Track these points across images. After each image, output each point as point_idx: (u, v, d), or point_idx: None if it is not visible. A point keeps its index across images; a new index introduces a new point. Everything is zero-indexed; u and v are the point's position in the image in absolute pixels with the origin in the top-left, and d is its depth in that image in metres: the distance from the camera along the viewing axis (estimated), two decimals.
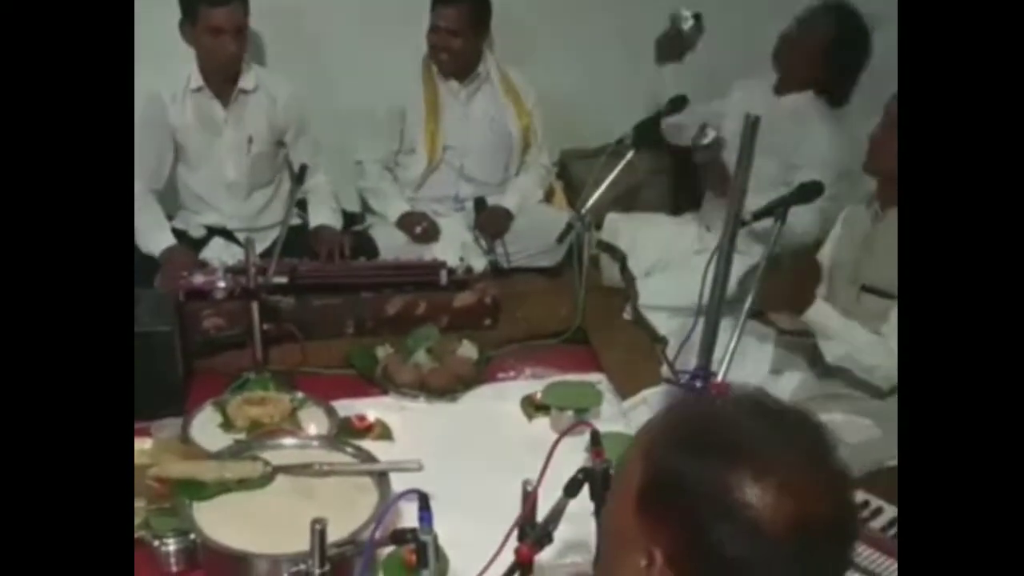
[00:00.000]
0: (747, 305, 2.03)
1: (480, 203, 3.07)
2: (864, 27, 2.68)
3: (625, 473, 0.88)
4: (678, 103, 2.78)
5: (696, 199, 3.04)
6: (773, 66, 2.81)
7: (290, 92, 2.87)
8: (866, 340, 2.14)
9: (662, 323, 2.65)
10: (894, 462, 2.19)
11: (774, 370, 2.38)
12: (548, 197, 3.25)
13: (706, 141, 2.57)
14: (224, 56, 2.69)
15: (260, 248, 2.67)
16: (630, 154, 2.63)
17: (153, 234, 2.74)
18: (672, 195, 3.35)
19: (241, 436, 2.02)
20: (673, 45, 2.88)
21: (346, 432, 2.10)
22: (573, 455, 1.73)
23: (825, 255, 2.39)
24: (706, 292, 1.94)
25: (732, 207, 1.84)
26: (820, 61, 2.71)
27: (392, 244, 2.95)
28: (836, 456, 0.85)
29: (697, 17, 2.80)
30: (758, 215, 2.18)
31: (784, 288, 2.17)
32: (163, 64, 2.75)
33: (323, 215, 2.92)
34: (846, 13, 2.69)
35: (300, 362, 2.39)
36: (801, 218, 2.40)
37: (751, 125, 1.78)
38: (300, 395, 2.19)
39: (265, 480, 1.79)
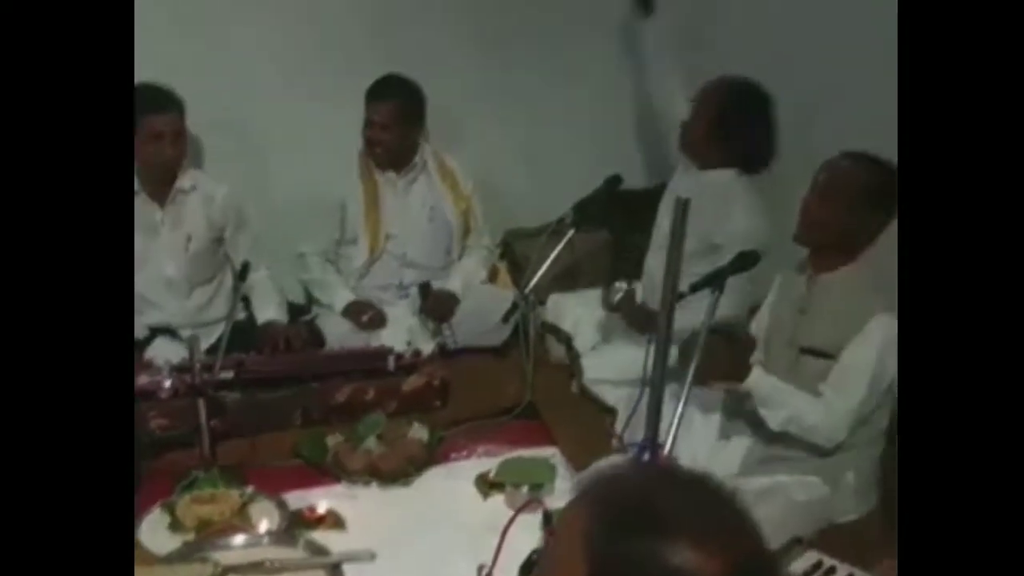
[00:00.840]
0: (690, 375, 2.07)
1: (425, 288, 3.10)
2: (755, 92, 2.70)
3: (564, 561, 0.86)
4: (613, 182, 2.86)
5: (637, 274, 3.10)
6: (685, 152, 2.85)
7: (227, 190, 2.89)
8: (806, 403, 2.17)
9: (609, 394, 2.69)
10: (844, 519, 2.24)
11: (722, 436, 2.41)
12: (492, 277, 3.28)
13: (618, 297, 2.69)
14: (163, 160, 2.72)
15: (205, 344, 2.68)
16: (571, 233, 2.70)
17: None
18: (612, 271, 3.41)
19: (190, 537, 1.98)
20: None
21: (298, 524, 2.08)
22: (530, 533, 1.73)
23: (762, 321, 2.45)
24: (649, 364, 1.97)
25: (667, 283, 1.88)
26: (716, 136, 2.71)
27: (339, 333, 2.96)
28: (749, 515, 0.88)
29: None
30: (696, 287, 2.24)
31: (720, 360, 2.19)
32: None
33: (269, 311, 2.92)
34: (729, 85, 2.72)
35: (249, 456, 2.37)
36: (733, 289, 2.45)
37: (681, 208, 1.84)
38: (250, 490, 2.17)
39: None
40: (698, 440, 2.35)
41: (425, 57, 3.19)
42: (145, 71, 2.71)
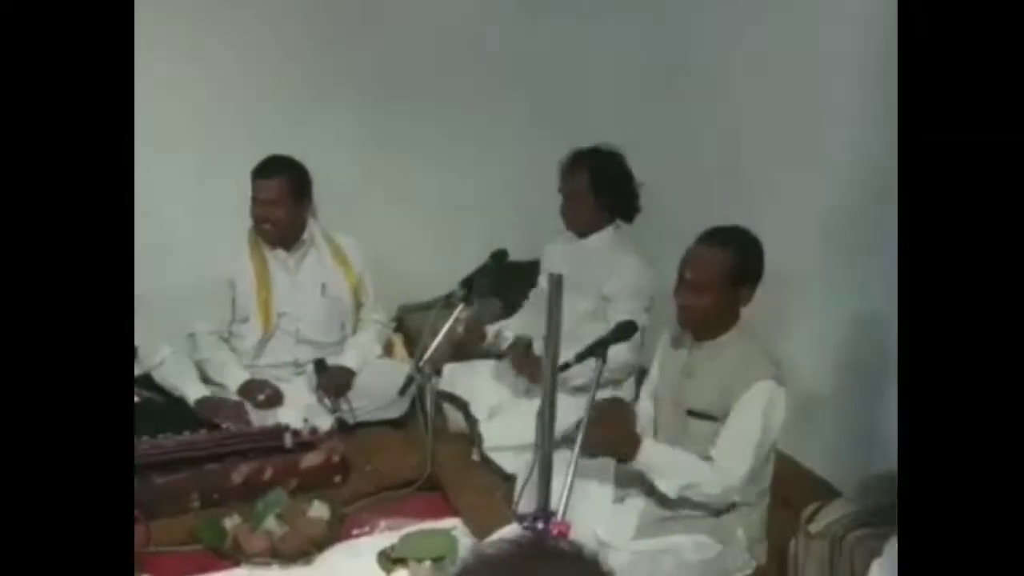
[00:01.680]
0: (578, 444, 2.13)
1: (320, 364, 3.10)
2: (612, 154, 2.92)
3: None
4: (499, 256, 2.97)
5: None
6: (563, 221, 3.01)
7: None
8: (699, 470, 2.25)
9: (508, 462, 2.74)
10: (737, 575, 2.33)
11: (617, 499, 2.48)
12: (388, 351, 3.32)
13: (508, 342, 2.80)
14: None
15: None
16: (460, 307, 2.77)
17: None
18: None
19: None
20: None
21: None
22: None
23: (651, 381, 2.55)
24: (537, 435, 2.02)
25: (549, 355, 1.95)
26: (591, 202, 2.90)
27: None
28: None
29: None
30: (581, 356, 2.33)
31: (607, 437, 2.25)
32: None
33: (196, 388, 2.93)
34: (590, 155, 2.91)
35: (143, 543, 2.31)
36: (617, 355, 2.56)
37: (555, 283, 1.92)
38: None
39: None
40: (593, 505, 2.39)
41: (314, 137, 3.26)
42: None
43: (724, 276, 2.26)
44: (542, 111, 3.60)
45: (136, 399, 2.84)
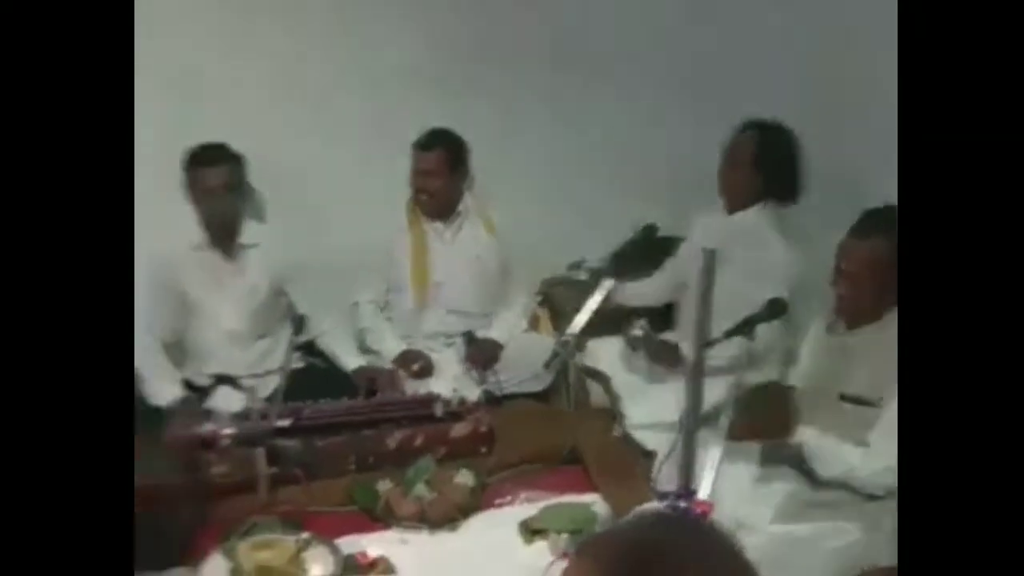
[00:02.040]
0: (727, 428, 2.13)
1: (469, 336, 3.21)
2: (784, 130, 2.86)
3: None
4: (650, 231, 2.96)
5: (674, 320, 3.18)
6: (720, 197, 2.98)
7: (289, 245, 3.05)
8: (854, 456, 2.21)
9: (650, 439, 2.75)
10: (880, 564, 2.26)
11: (761, 479, 2.45)
12: (534, 325, 3.39)
13: (639, 333, 2.79)
14: (219, 213, 2.88)
15: (264, 393, 2.81)
16: (610, 281, 2.79)
17: (161, 386, 2.87)
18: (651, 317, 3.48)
19: None
20: None
21: (350, 570, 2.16)
22: None
23: (802, 367, 2.49)
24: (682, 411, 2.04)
25: (698, 333, 1.96)
26: (751, 175, 2.87)
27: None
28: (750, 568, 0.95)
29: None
30: (729, 334, 2.31)
31: (762, 417, 2.26)
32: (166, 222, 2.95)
33: (355, 358, 3.10)
34: (761, 127, 2.88)
35: (305, 502, 2.46)
36: (764, 335, 2.52)
37: (709, 257, 1.92)
38: (306, 535, 2.26)
39: None
40: (734, 485, 2.38)
41: (466, 110, 3.33)
42: (212, 128, 2.93)
43: (879, 264, 2.18)
44: (697, 82, 3.52)
45: (301, 364, 3.04)
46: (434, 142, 3.12)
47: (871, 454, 2.19)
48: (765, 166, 2.85)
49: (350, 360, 3.09)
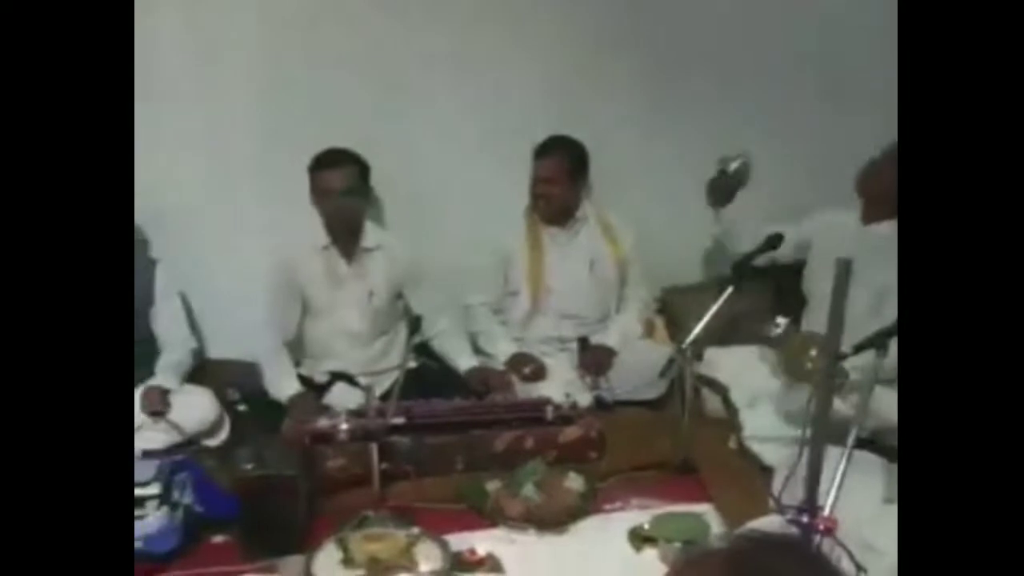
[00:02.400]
0: (852, 438, 2.04)
1: (583, 342, 3.19)
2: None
3: None
4: (775, 240, 2.87)
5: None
6: (858, 194, 2.86)
7: (408, 249, 3.11)
8: None
9: (768, 454, 2.66)
10: None
11: (887, 498, 2.34)
12: (649, 332, 3.34)
13: (778, 331, 2.69)
14: (340, 215, 2.96)
15: (378, 391, 2.87)
16: (729, 290, 2.72)
17: (282, 382, 2.96)
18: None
19: (360, 572, 2.12)
20: (720, 188, 3.04)
21: (458, 566, 2.18)
22: None
23: None
24: (808, 425, 1.96)
25: (829, 344, 1.87)
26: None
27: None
28: None
29: (743, 160, 2.92)
30: (859, 348, 2.21)
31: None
32: (292, 224, 3.05)
33: (468, 358, 3.13)
34: None
35: (416, 498, 2.50)
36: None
37: (843, 268, 1.82)
38: (416, 530, 2.29)
39: None
40: (860, 503, 2.28)
41: (589, 117, 3.33)
42: (333, 134, 3.01)
43: None
44: (833, 85, 3.40)
45: (415, 364, 3.09)
46: (553, 148, 3.14)
47: None
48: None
49: (463, 361, 3.12)
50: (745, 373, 2.96)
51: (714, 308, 2.68)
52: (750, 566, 0.89)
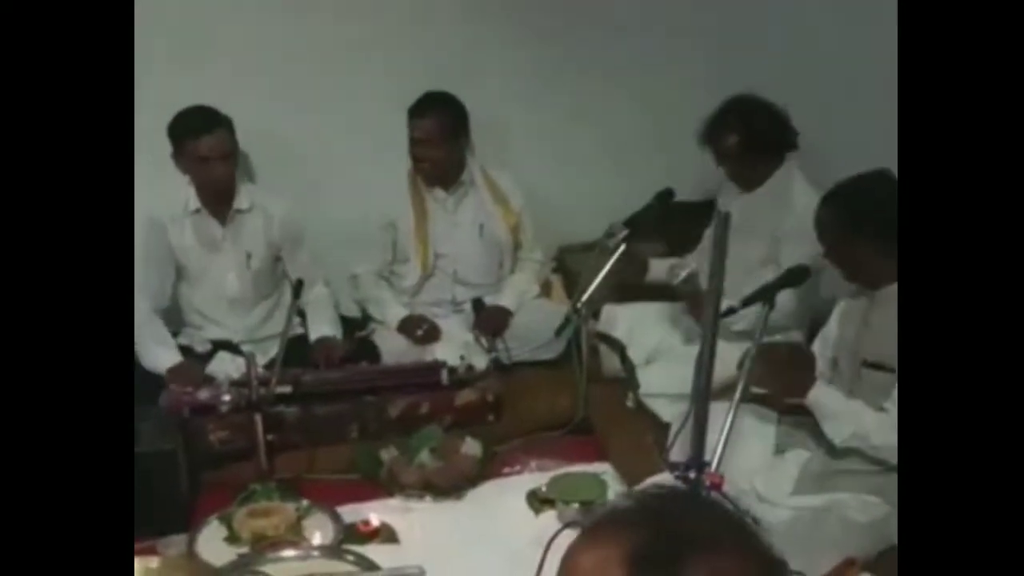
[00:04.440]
0: (739, 390, 2.05)
1: (478, 303, 3.12)
2: (757, 108, 2.76)
3: None
4: (664, 196, 2.86)
5: None
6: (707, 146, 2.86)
7: (285, 209, 2.96)
8: (870, 418, 2.13)
9: (664, 410, 2.66)
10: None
11: (778, 451, 2.37)
12: (546, 292, 3.29)
13: (681, 278, 2.68)
14: (214, 180, 2.80)
15: (264, 360, 2.74)
16: (623, 246, 2.70)
17: (158, 352, 2.79)
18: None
19: (245, 550, 2.02)
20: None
21: (351, 538, 2.11)
22: None
23: (829, 334, 2.41)
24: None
25: (711, 300, 1.86)
26: (750, 160, 2.77)
27: (394, 348, 2.99)
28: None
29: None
30: (747, 301, 2.22)
31: (781, 373, 2.19)
32: (161, 187, 2.86)
33: (322, 327, 2.98)
34: (736, 113, 2.77)
35: (306, 469, 2.41)
36: (787, 302, 2.44)
37: (722, 221, 1.81)
38: (305, 503, 2.21)
39: None
40: (751, 457, 2.31)
41: (473, 72, 3.21)
42: (198, 91, 2.84)
43: (853, 232, 2.12)
44: (721, 48, 3.39)
45: (302, 331, 2.97)
46: (430, 107, 2.99)
47: (886, 420, 2.10)
48: (758, 146, 2.74)
49: (315, 330, 2.98)
50: (642, 330, 2.94)
51: (608, 265, 2.66)
52: (662, 520, 0.85)
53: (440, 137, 2.99)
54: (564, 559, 0.87)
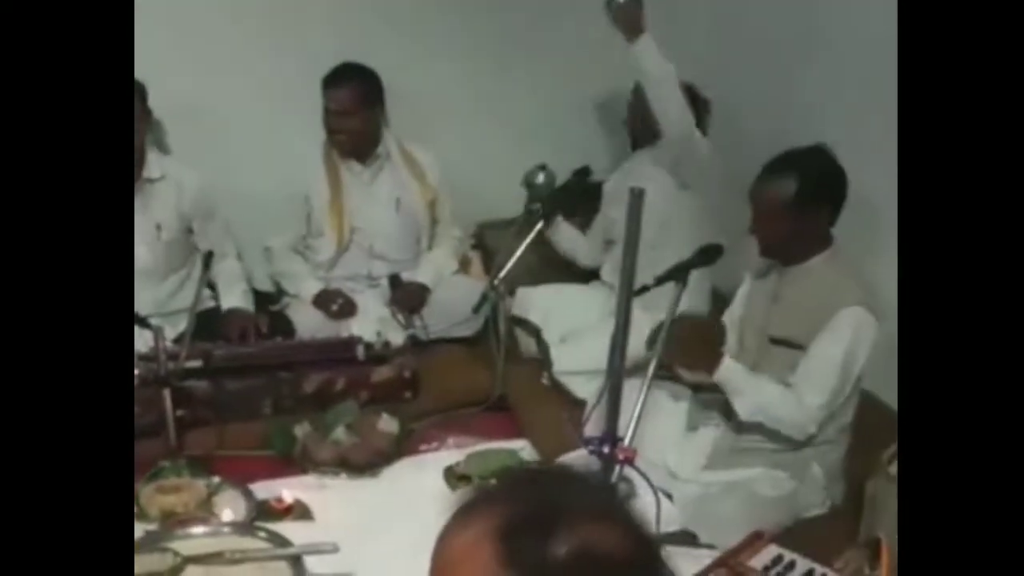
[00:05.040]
0: (652, 367, 2.08)
1: (395, 279, 3.07)
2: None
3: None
4: (582, 174, 2.88)
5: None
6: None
7: (197, 180, 2.87)
8: (777, 394, 2.18)
9: (580, 388, 2.69)
10: (810, 513, 2.25)
11: (690, 427, 2.42)
12: (465, 268, 3.27)
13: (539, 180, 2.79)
14: None
15: (174, 334, 2.66)
16: (540, 224, 2.70)
17: None
18: None
19: (153, 527, 1.97)
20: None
21: (264, 515, 2.07)
22: None
23: (735, 310, 2.46)
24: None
25: (624, 278, 1.88)
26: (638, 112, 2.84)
27: (309, 323, 2.93)
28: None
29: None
30: (660, 279, 2.25)
31: (689, 349, 2.22)
32: None
33: (233, 298, 2.91)
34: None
35: (217, 446, 2.36)
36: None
37: (636, 197, 1.82)
38: (216, 480, 2.16)
39: (175, 572, 1.76)
40: (664, 433, 2.35)
41: (391, 45, 3.15)
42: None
43: (788, 204, 2.14)
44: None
45: (212, 304, 2.90)
46: (344, 78, 2.92)
47: (790, 395, 2.16)
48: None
49: (228, 300, 2.92)
50: (556, 311, 2.95)
51: (525, 242, 2.67)
52: (533, 494, 0.85)
53: (355, 108, 2.92)
54: (438, 539, 0.85)
